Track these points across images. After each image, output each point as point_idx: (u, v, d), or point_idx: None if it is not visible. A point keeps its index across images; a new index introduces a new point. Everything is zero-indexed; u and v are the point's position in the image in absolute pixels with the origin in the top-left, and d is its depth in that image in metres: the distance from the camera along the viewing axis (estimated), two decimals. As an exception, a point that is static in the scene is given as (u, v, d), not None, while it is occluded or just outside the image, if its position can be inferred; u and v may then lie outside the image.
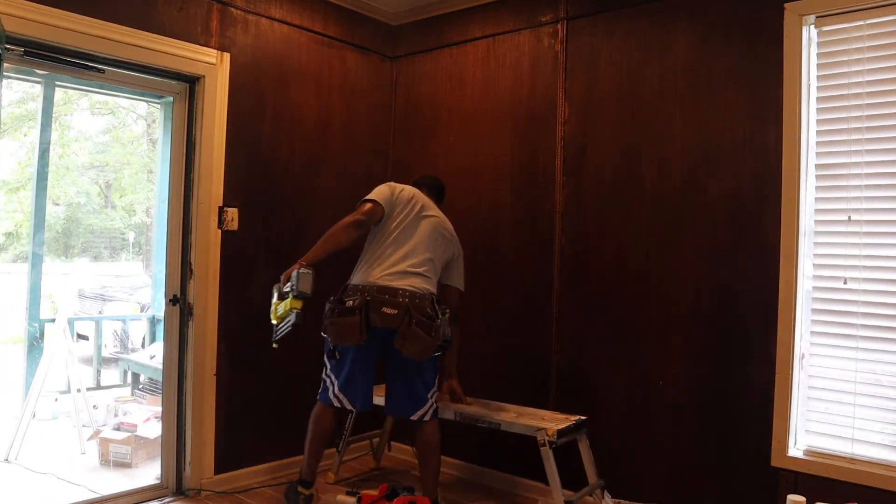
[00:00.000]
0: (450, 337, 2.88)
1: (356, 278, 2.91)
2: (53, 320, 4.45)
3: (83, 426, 4.11)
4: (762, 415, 2.75)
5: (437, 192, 3.25)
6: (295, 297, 2.70)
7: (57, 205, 9.53)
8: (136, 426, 3.89)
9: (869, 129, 2.57)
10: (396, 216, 2.95)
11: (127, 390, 5.14)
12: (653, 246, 3.08)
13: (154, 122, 9.36)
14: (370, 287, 2.81)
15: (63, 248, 10.20)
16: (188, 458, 3.24)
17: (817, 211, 2.70)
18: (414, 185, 3.17)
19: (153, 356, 4.82)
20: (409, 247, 2.91)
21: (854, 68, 2.60)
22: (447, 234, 3.06)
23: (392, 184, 3.06)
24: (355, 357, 2.88)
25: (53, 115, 5.51)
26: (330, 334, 2.84)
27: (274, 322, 2.81)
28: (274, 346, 2.80)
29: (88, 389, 4.57)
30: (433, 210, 3.07)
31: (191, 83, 3.24)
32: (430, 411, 2.93)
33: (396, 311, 2.74)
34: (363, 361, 2.89)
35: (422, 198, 3.06)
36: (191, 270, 3.23)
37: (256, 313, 3.42)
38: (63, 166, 9.46)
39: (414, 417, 2.91)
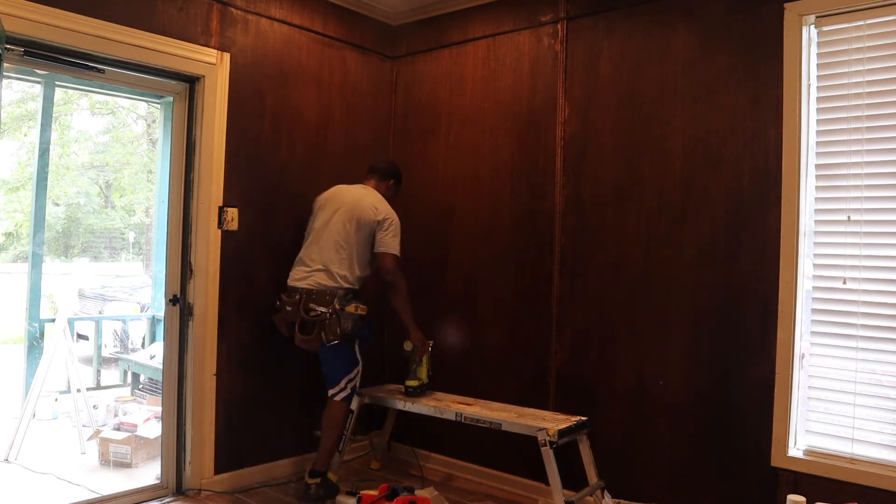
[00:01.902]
0: (351, 330, 3.14)
1: None
2: (53, 320, 4.45)
3: (83, 426, 4.11)
4: (762, 415, 2.75)
5: (377, 172, 3.49)
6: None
7: (57, 205, 9.53)
8: (136, 426, 3.89)
9: (869, 129, 2.57)
10: (309, 227, 3.37)
11: (127, 390, 5.14)
12: (653, 246, 3.08)
13: (154, 122, 9.36)
14: (286, 289, 3.30)
15: (63, 248, 10.21)
16: (188, 458, 3.23)
17: (817, 211, 2.70)
18: (366, 175, 3.52)
19: (153, 356, 4.82)
20: (309, 249, 3.28)
21: (854, 68, 2.60)
22: (354, 216, 3.24)
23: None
24: None
25: (53, 115, 5.52)
26: None
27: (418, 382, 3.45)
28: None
29: (88, 389, 4.57)
30: (344, 198, 3.31)
31: (191, 83, 3.24)
32: (342, 394, 3.25)
33: (291, 308, 3.22)
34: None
35: (334, 196, 3.35)
36: (191, 270, 3.23)
37: (256, 313, 3.42)
38: (63, 166, 9.46)
39: (330, 393, 3.26)
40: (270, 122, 3.50)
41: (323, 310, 3.13)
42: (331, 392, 3.25)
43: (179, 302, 3.24)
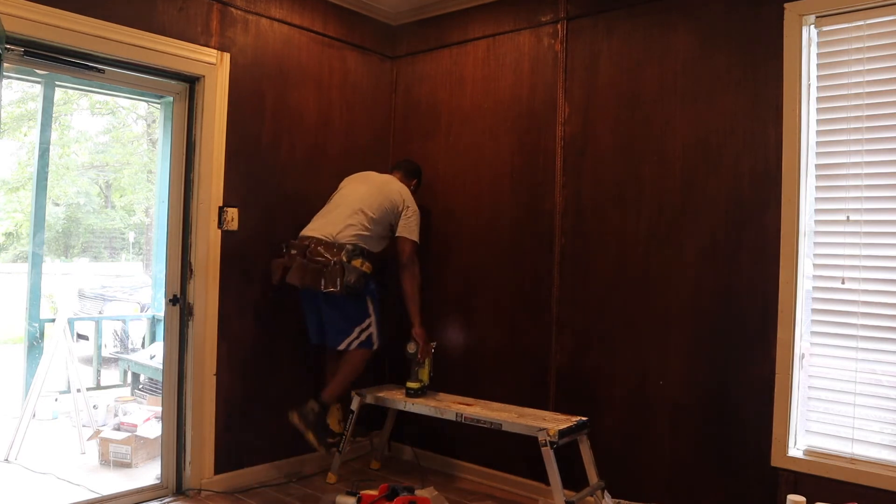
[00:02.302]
0: (354, 283, 3.17)
1: None
2: (53, 320, 4.45)
3: (83, 426, 4.11)
4: (762, 415, 2.75)
5: (403, 168, 3.72)
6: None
7: (57, 205, 9.53)
8: (136, 426, 3.89)
9: (869, 129, 2.57)
10: (331, 196, 3.54)
11: (127, 390, 5.14)
12: (653, 246, 3.08)
13: (154, 122, 9.36)
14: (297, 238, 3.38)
15: (63, 248, 10.20)
16: (188, 458, 3.23)
17: (817, 211, 2.70)
18: (391, 169, 3.77)
19: (153, 356, 4.82)
20: (329, 206, 3.44)
21: (854, 68, 2.60)
22: (382, 192, 3.43)
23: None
24: (301, 298, 3.42)
25: (53, 115, 5.51)
26: None
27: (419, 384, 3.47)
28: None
29: (88, 389, 4.56)
30: (373, 178, 3.55)
31: (191, 83, 3.24)
32: (356, 342, 3.30)
33: (295, 252, 3.25)
34: (305, 303, 3.41)
35: (363, 175, 3.59)
36: (191, 270, 3.23)
37: (256, 313, 3.42)
38: (63, 166, 9.46)
39: (341, 347, 3.32)
40: (270, 122, 3.50)
41: (328, 256, 3.18)
42: (343, 346, 3.29)
43: (179, 302, 3.24)
